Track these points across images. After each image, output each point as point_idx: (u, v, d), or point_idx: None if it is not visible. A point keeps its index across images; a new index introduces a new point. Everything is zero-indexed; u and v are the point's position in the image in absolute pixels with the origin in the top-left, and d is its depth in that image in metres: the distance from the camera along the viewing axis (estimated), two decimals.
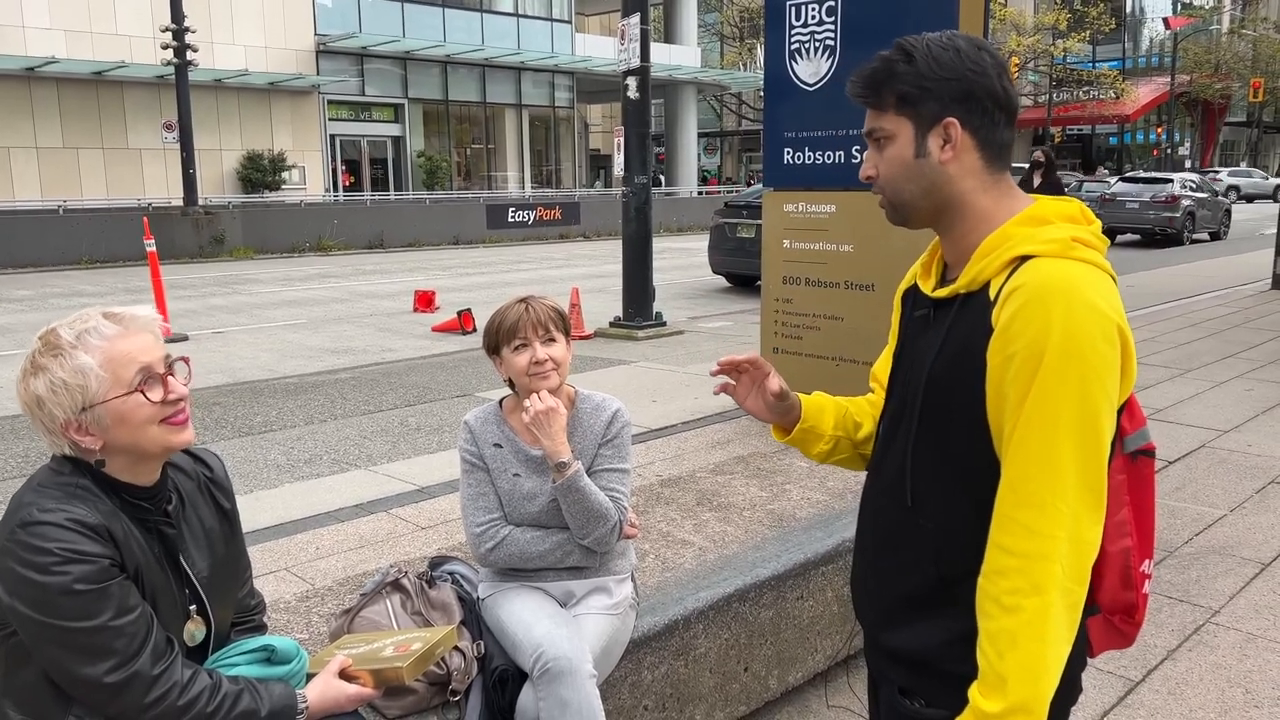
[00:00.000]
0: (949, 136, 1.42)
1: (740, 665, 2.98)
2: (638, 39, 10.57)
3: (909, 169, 1.45)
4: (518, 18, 33.41)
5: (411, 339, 11.06)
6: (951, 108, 1.41)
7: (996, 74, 1.41)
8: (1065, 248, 1.36)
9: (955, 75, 1.40)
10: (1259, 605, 3.91)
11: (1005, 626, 1.31)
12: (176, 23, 19.61)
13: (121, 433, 1.69)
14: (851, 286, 6.53)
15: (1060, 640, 1.31)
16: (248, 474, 5.73)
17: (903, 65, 1.42)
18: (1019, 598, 1.30)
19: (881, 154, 1.48)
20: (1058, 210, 1.43)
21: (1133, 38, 56.11)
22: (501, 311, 2.48)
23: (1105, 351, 1.30)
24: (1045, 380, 1.29)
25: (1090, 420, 1.30)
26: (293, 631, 2.58)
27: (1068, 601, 1.31)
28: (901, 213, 1.51)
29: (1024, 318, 1.31)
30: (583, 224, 29.57)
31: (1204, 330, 10.30)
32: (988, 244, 1.41)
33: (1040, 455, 1.30)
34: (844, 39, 6.35)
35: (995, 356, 1.34)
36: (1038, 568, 1.30)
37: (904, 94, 1.42)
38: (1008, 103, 1.43)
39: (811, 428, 1.74)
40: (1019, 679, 1.30)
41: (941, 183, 1.44)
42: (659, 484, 3.94)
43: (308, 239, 23.84)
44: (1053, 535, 1.29)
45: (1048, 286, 1.31)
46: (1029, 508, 1.31)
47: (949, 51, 1.41)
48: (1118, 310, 1.33)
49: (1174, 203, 23.19)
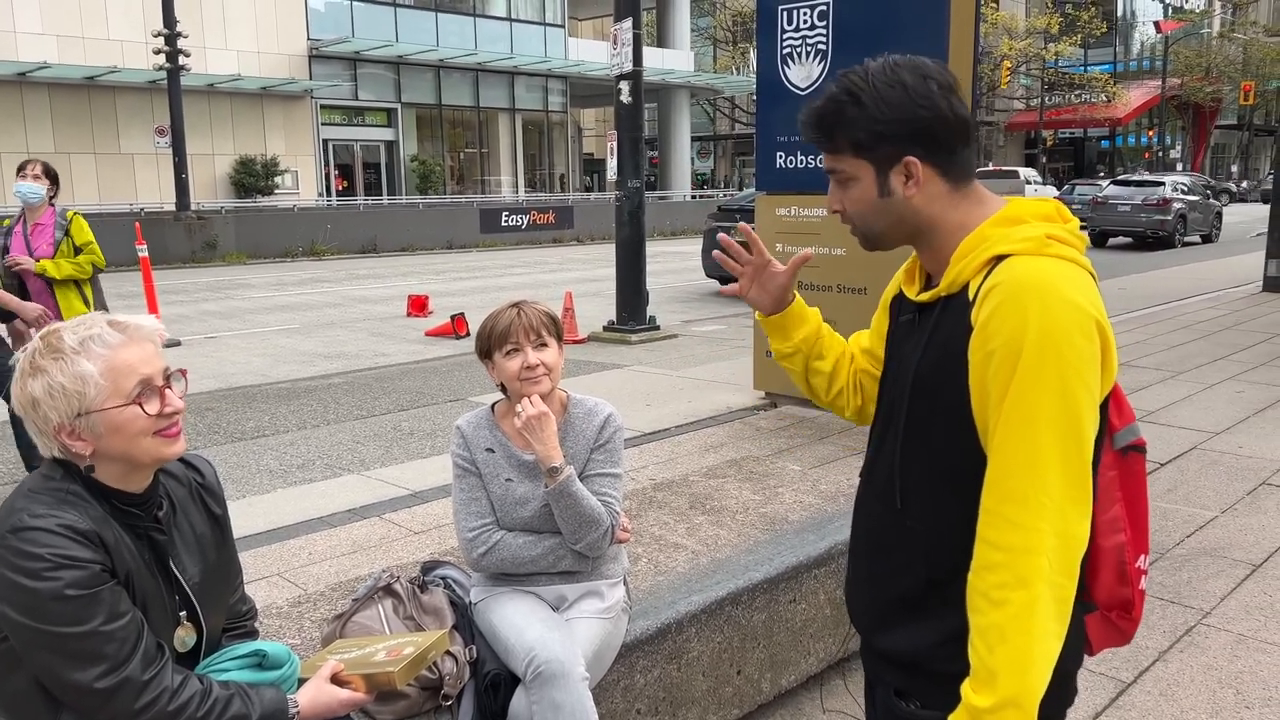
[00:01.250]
0: (910, 173, 1.43)
1: (733, 668, 2.99)
2: (630, 43, 10.60)
3: (876, 207, 1.48)
4: (511, 22, 33.44)
5: (405, 343, 11.06)
6: (909, 147, 1.42)
7: (945, 99, 1.41)
8: (1040, 245, 1.37)
9: (907, 115, 1.40)
10: (1250, 606, 3.92)
11: (994, 621, 1.32)
12: (169, 28, 19.61)
13: (114, 441, 1.69)
14: (844, 290, 6.55)
15: (1049, 634, 1.32)
16: (240, 479, 5.72)
17: (851, 109, 1.42)
18: (1006, 591, 1.31)
19: (846, 192, 1.50)
20: (1033, 209, 1.44)
21: (1124, 41, 56.38)
22: (494, 316, 2.48)
23: (1083, 346, 1.31)
24: (1024, 376, 1.30)
25: (1070, 414, 1.30)
26: (284, 637, 2.57)
27: (1056, 595, 1.31)
28: (875, 243, 1.54)
29: (1001, 315, 1.32)
30: (576, 228, 29.58)
31: (1195, 332, 10.34)
32: (964, 246, 1.43)
33: (1022, 450, 1.31)
34: (835, 43, 6.37)
35: (976, 354, 1.35)
36: (1023, 561, 1.31)
37: (858, 141, 1.44)
38: (960, 125, 1.43)
39: (785, 327, 1.76)
40: (1009, 673, 1.31)
41: (909, 214, 1.47)
42: (652, 487, 3.94)
43: (301, 244, 23.80)
44: (1037, 529, 1.30)
45: (1023, 283, 1.32)
46: (1013, 502, 1.32)
47: (896, 89, 1.40)
48: (1095, 305, 1.34)
49: (1165, 205, 23.29)
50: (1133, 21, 56.60)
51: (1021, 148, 54.74)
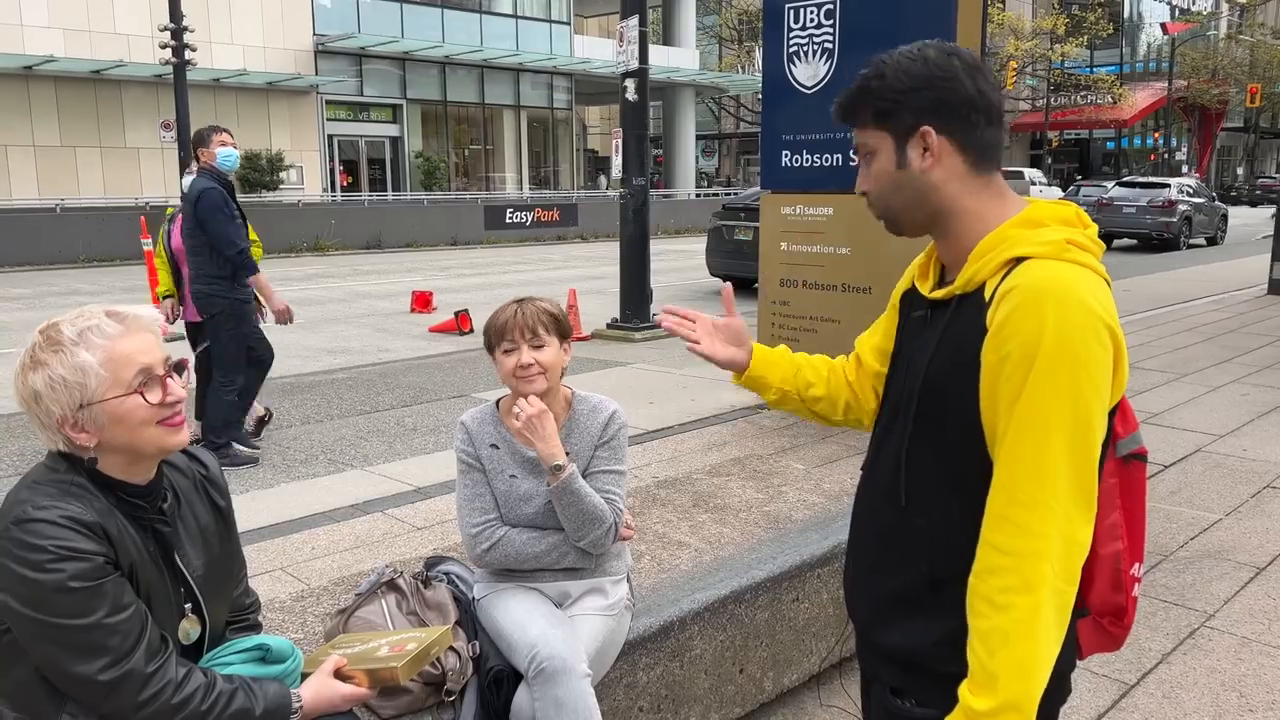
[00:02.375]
0: (927, 144, 1.44)
1: (736, 667, 2.98)
2: (636, 41, 10.59)
3: (894, 180, 1.48)
4: (516, 19, 33.41)
5: (408, 339, 11.06)
6: (925, 116, 1.43)
7: (969, 76, 1.43)
8: (1060, 250, 1.36)
9: (924, 85, 1.42)
10: (1254, 609, 3.91)
11: (997, 624, 1.32)
12: (175, 22, 19.56)
13: (118, 432, 1.69)
14: (849, 289, 6.53)
15: (1050, 640, 1.32)
16: (244, 474, 5.73)
17: (876, 82, 1.46)
18: (1011, 595, 1.31)
19: (869, 169, 1.51)
20: (1053, 213, 1.43)
21: (1130, 43, 56.25)
22: (497, 312, 2.49)
23: (1097, 352, 1.30)
24: (1038, 380, 1.29)
25: (1082, 421, 1.30)
26: (288, 631, 2.57)
27: (1058, 601, 1.31)
28: (895, 223, 1.54)
29: (1018, 318, 1.31)
30: (580, 225, 29.57)
31: (1200, 335, 10.33)
32: (983, 245, 1.42)
33: (1033, 455, 1.31)
34: (842, 42, 6.35)
35: (989, 356, 1.35)
36: (1029, 566, 1.30)
37: (879, 109, 1.46)
38: (984, 103, 1.44)
39: (759, 377, 1.83)
40: (1010, 677, 1.30)
41: (927, 190, 1.46)
42: (655, 485, 3.94)
43: (305, 239, 23.81)
44: (1044, 534, 1.30)
45: (1042, 288, 1.32)
46: (1021, 506, 1.32)
47: (917, 62, 1.44)
48: (1110, 312, 1.34)
49: (1171, 207, 23.25)
50: (1139, 23, 56.45)
51: (1027, 149, 54.64)
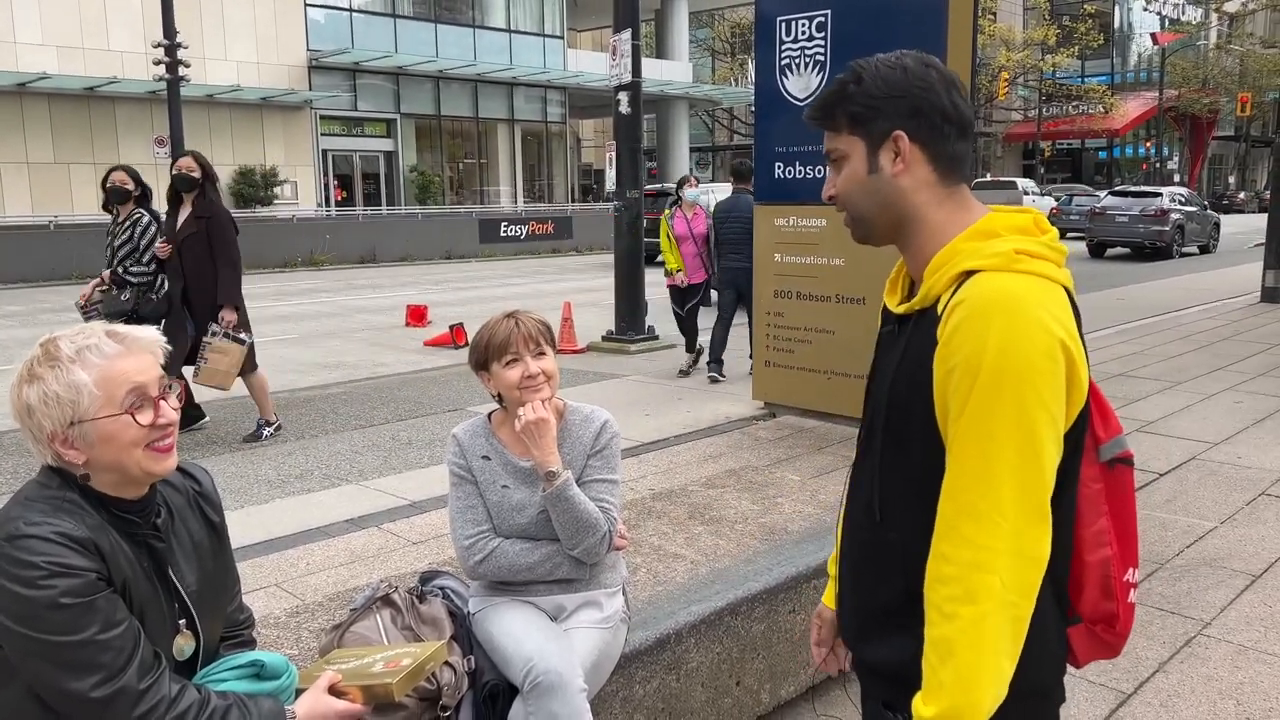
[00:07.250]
0: (898, 150, 1.45)
1: (732, 679, 2.98)
2: (629, 54, 10.63)
3: (864, 185, 1.49)
4: (510, 33, 33.50)
5: (403, 353, 11.05)
6: (899, 123, 1.44)
7: (945, 89, 1.44)
8: (1009, 261, 1.36)
9: (901, 92, 1.44)
10: (1250, 617, 3.91)
11: (944, 634, 1.32)
12: (168, 39, 19.60)
13: (106, 451, 1.68)
14: (842, 300, 6.55)
15: (1000, 652, 1.31)
16: (239, 489, 5.71)
17: (853, 87, 1.47)
18: (955, 605, 1.31)
19: (839, 173, 1.52)
20: (1008, 222, 1.43)
21: (1121, 53, 56.61)
22: (490, 327, 2.48)
23: (1044, 366, 1.30)
24: (981, 394, 1.30)
25: (1027, 434, 1.30)
26: (282, 647, 2.56)
27: (1011, 615, 1.31)
28: (862, 229, 1.54)
29: (963, 332, 1.32)
30: (575, 238, 29.61)
31: (1194, 343, 10.36)
32: (937, 260, 1.43)
33: (977, 468, 1.31)
34: (834, 54, 6.38)
35: (939, 369, 1.36)
36: (974, 578, 1.30)
37: (854, 114, 1.47)
38: (958, 116, 1.45)
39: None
40: (954, 686, 1.31)
41: (895, 197, 1.47)
42: (651, 497, 3.94)
43: (300, 254, 23.81)
44: (990, 548, 1.30)
45: (987, 301, 1.32)
46: (968, 518, 1.32)
47: (896, 70, 1.45)
48: (1062, 323, 1.33)
49: (1163, 216, 23.34)
50: (1130, 33, 56.82)
51: (1019, 158, 54.89)
